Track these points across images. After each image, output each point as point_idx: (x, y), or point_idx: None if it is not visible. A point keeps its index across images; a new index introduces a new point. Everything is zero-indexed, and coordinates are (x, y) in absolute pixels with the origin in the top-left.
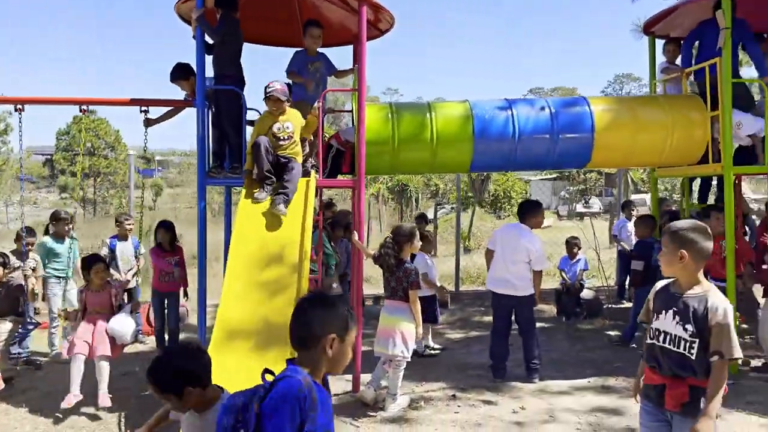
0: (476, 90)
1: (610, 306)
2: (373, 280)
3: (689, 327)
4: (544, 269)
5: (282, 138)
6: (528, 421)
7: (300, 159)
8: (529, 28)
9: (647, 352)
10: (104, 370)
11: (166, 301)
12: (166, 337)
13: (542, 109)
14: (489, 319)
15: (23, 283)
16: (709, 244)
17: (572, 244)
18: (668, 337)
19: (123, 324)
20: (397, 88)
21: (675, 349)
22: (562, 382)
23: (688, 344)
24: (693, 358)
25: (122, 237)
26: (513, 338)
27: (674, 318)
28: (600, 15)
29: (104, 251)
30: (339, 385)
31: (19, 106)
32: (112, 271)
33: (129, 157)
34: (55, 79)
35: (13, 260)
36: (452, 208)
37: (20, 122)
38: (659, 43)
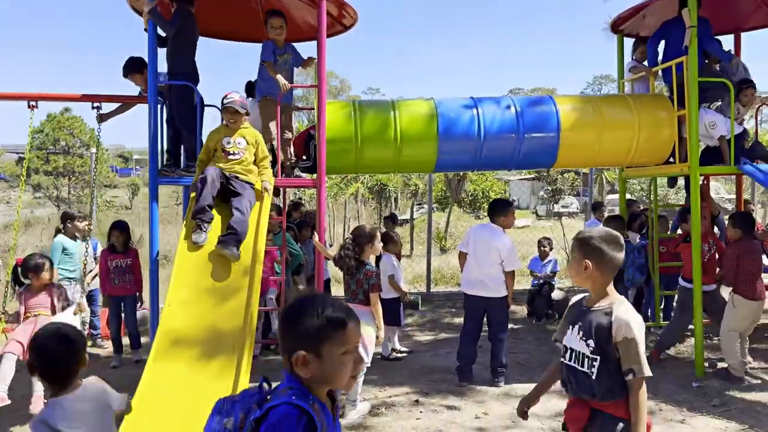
0: (457, 89)
1: None
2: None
3: (591, 342)
4: (517, 269)
5: (231, 153)
6: (490, 427)
7: (257, 182)
8: (512, 27)
9: (562, 372)
10: None
11: (122, 305)
12: (125, 341)
13: (508, 107)
14: (459, 320)
15: None
16: (620, 255)
17: (543, 245)
18: (573, 354)
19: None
20: (378, 87)
21: (579, 367)
22: (528, 385)
23: (588, 361)
24: (593, 377)
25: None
26: (482, 341)
27: (579, 333)
28: (580, 15)
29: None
30: None
31: None
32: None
33: (91, 155)
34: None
35: None
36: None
37: None
38: (628, 43)
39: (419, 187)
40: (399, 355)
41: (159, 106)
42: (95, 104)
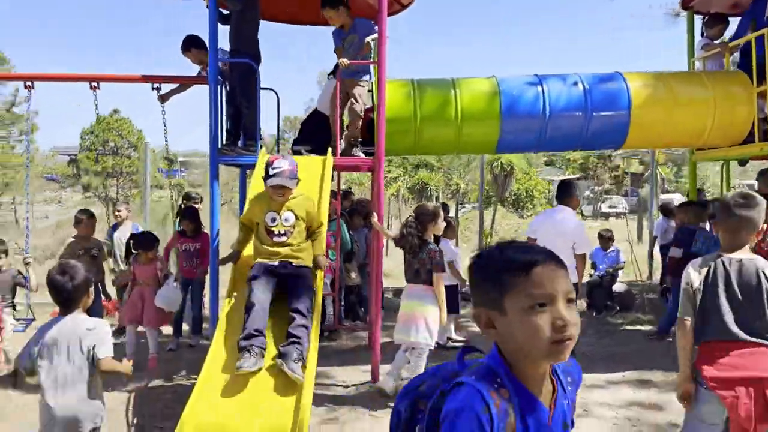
0: None
1: (643, 300)
2: (393, 275)
3: None
4: (588, 253)
5: (277, 233)
6: None
7: (310, 262)
8: (513, 26)
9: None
10: (153, 337)
11: (189, 287)
12: (185, 326)
13: (575, 84)
14: None
15: (23, 272)
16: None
17: (606, 237)
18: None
19: (168, 295)
20: None
21: None
22: (594, 375)
23: None
24: None
25: (119, 224)
26: None
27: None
28: (582, 14)
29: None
30: (356, 376)
31: (28, 83)
32: (111, 260)
33: (145, 147)
34: (67, 61)
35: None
36: (473, 207)
37: (28, 101)
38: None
39: (460, 187)
40: (455, 344)
41: (219, 85)
42: (155, 84)
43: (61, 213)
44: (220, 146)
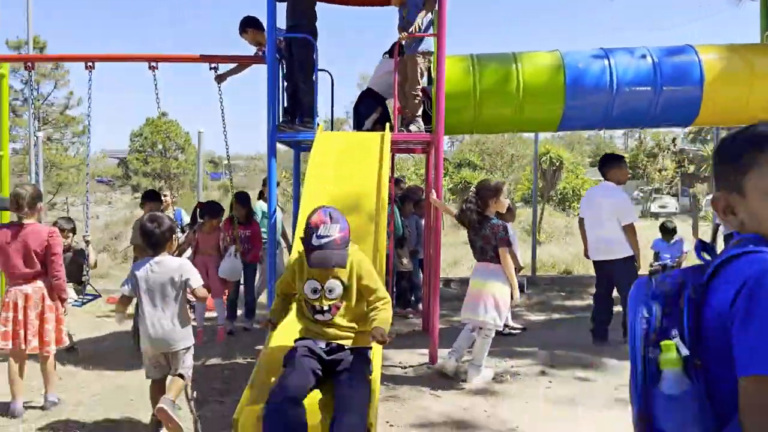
0: None
1: None
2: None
3: None
4: (635, 222)
5: (320, 310)
6: None
7: (367, 342)
8: (513, 26)
9: None
10: (219, 307)
11: (243, 273)
12: (239, 311)
13: (643, 57)
14: (571, 303)
15: (84, 249)
16: None
17: (668, 228)
18: None
19: (231, 266)
20: None
21: None
22: None
23: None
24: None
25: (164, 210)
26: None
27: None
28: (582, 14)
29: None
30: (414, 358)
31: (89, 64)
32: None
33: (198, 134)
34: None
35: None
36: (518, 206)
37: (90, 81)
38: None
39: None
40: (513, 331)
41: (278, 64)
42: (212, 65)
43: (111, 214)
44: (277, 124)
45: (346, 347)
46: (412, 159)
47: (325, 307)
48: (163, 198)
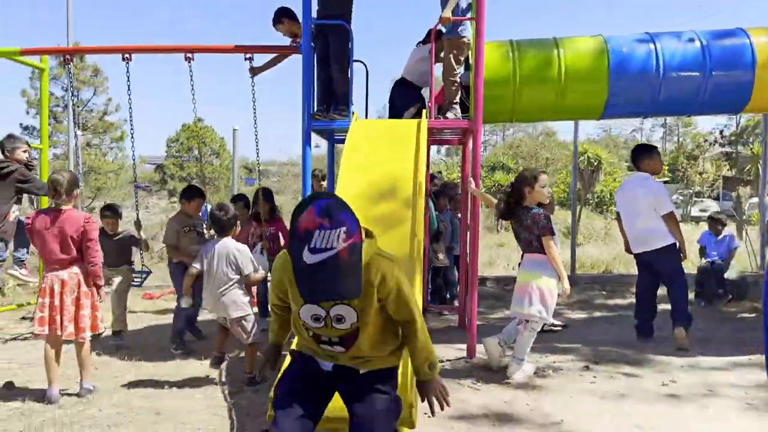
0: None
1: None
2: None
3: None
4: (674, 211)
5: (325, 340)
6: (684, 394)
7: (394, 361)
8: (514, 26)
9: None
10: None
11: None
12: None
13: (691, 41)
14: (612, 302)
15: (135, 234)
16: None
17: (717, 220)
18: None
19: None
20: None
21: None
22: (716, 358)
23: None
24: None
25: None
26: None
27: None
28: (582, 14)
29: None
30: (451, 353)
31: (126, 56)
32: None
33: (233, 132)
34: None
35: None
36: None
37: (128, 72)
38: None
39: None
40: (554, 328)
41: (312, 54)
42: (247, 56)
43: (148, 218)
44: (312, 113)
45: (362, 371)
46: (443, 162)
47: (334, 339)
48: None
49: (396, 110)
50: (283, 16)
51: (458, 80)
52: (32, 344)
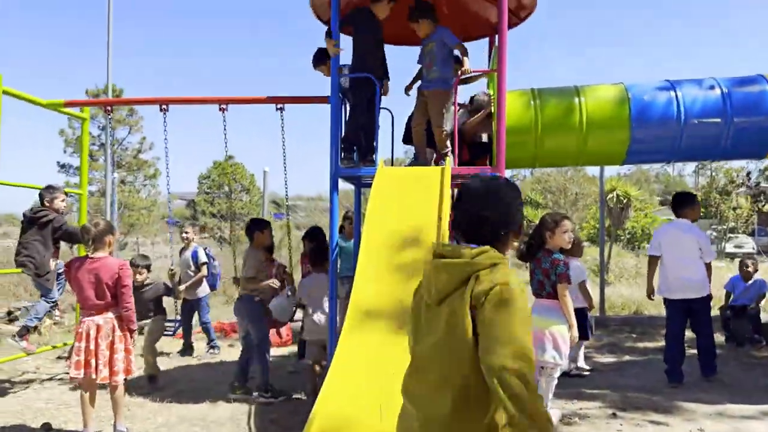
0: None
1: None
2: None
3: None
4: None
5: None
6: None
7: None
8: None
9: None
10: None
11: None
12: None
13: (711, 88)
14: (642, 344)
15: (168, 283)
16: None
17: (747, 263)
18: None
19: (280, 305)
20: None
21: None
22: (746, 406)
23: None
24: None
25: (184, 247)
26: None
27: None
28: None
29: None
30: None
31: (163, 107)
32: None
33: (264, 173)
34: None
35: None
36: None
37: (165, 122)
38: None
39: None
40: (582, 372)
41: (341, 103)
42: (278, 105)
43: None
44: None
45: None
46: None
47: None
48: (184, 235)
49: (408, 131)
50: (325, 56)
51: (446, 129)
52: (68, 384)
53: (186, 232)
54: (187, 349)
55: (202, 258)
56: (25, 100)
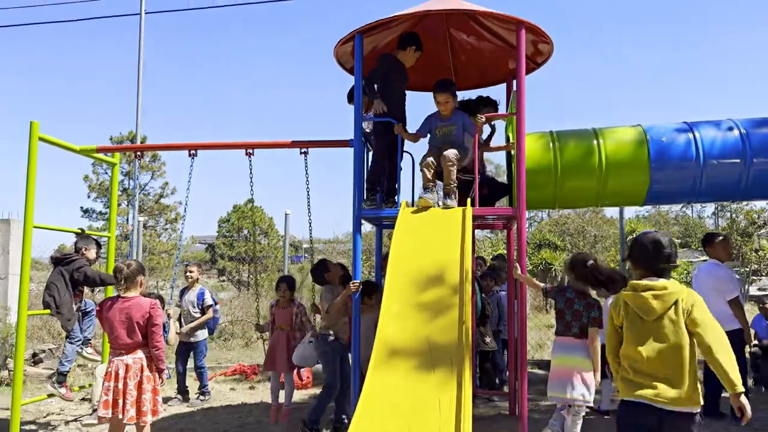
0: None
1: None
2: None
3: None
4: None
5: None
6: None
7: None
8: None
9: None
10: (289, 386)
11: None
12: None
13: (730, 129)
14: None
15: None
16: None
17: (765, 301)
18: None
19: (303, 354)
20: None
21: None
22: None
23: None
24: None
25: (188, 286)
26: None
27: None
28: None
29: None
30: None
31: (192, 152)
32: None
33: (286, 216)
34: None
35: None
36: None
37: (191, 166)
38: None
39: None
40: (608, 408)
41: (363, 147)
42: (303, 149)
43: None
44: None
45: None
46: (489, 240)
47: None
48: (188, 273)
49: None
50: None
51: (452, 166)
52: (94, 426)
53: (191, 271)
54: (182, 394)
55: (209, 300)
56: (60, 147)
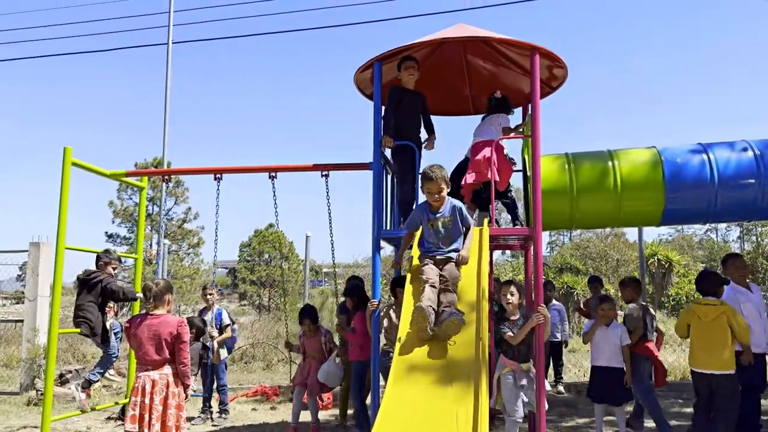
0: None
1: None
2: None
3: None
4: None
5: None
6: None
7: None
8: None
9: None
10: (313, 407)
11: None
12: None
13: (744, 150)
14: (688, 410)
15: (208, 344)
16: None
17: None
18: None
19: (327, 371)
20: None
21: None
22: None
23: None
24: None
25: (207, 308)
26: None
27: None
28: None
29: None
30: None
31: (218, 176)
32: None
33: (306, 238)
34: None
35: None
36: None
37: (218, 190)
38: None
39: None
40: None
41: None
42: (324, 173)
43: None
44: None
45: None
46: (509, 263)
47: None
48: (208, 296)
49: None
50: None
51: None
52: None
53: (210, 294)
54: (205, 413)
55: (226, 320)
56: (92, 172)
